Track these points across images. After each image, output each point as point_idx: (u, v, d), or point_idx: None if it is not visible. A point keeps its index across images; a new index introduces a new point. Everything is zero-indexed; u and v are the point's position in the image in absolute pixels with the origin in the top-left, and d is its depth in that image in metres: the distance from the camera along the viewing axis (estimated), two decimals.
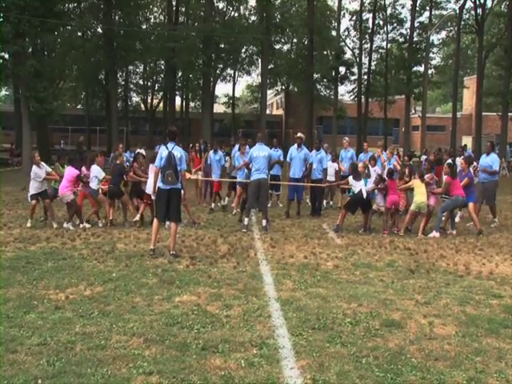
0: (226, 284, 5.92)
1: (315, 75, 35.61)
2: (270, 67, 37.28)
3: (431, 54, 36.68)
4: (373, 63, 38.57)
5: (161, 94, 40.86)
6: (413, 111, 45.49)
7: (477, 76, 35.64)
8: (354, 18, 39.41)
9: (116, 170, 9.93)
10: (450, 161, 11.24)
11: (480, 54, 35.04)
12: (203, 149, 14.24)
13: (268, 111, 45.42)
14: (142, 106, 43.62)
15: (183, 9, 36.39)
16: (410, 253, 7.88)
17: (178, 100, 41.01)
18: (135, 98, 44.15)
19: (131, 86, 41.59)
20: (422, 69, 32.87)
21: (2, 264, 6.64)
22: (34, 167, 9.33)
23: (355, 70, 36.39)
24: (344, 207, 9.91)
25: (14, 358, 3.87)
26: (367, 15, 38.68)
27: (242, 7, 38.37)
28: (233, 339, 4.29)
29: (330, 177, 12.48)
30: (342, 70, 34.04)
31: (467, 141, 34.96)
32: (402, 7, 38.31)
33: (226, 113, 47.25)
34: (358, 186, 9.51)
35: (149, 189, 9.41)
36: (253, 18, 38.54)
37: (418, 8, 34.72)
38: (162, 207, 7.29)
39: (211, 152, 12.70)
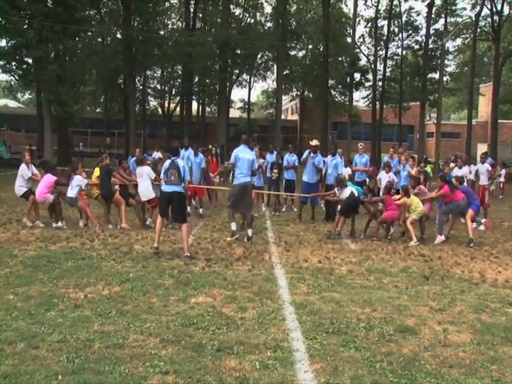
0: (241, 287, 5.97)
1: (330, 81, 35.64)
2: (285, 73, 37.38)
3: (446, 61, 36.45)
4: (388, 70, 38.43)
5: (178, 98, 41.22)
6: (427, 118, 45.22)
7: (493, 83, 35.34)
8: (370, 25, 39.42)
9: (103, 171, 10.05)
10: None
11: (496, 61, 34.75)
12: (219, 153, 14.34)
13: (283, 116, 45.57)
14: (160, 110, 44.03)
15: (200, 15, 36.70)
16: (424, 259, 7.87)
17: (194, 104, 41.33)
18: (153, 102, 44.64)
19: (149, 90, 42.05)
20: (437, 76, 32.65)
21: (25, 262, 6.78)
22: (23, 165, 9.88)
23: (370, 76, 36.34)
24: (340, 213, 9.88)
25: (36, 353, 3.97)
26: (382, 22, 38.63)
27: (258, 14, 38.62)
28: (247, 341, 4.32)
29: None
30: (357, 76, 34.09)
31: (483, 148, 34.58)
32: (418, 14, 38.05)
33: (242, 117, 47.46)
34: (348, 190, 9.63)
35: (147, 194, 9.62)
36: (269, 24, 38.79)
37: (433, 15, 34.53)
38: (164, 206, 7.69)
39: (192, 154, 11.96)
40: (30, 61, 22.29)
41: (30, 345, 4.11)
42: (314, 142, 11.81)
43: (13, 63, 22.55)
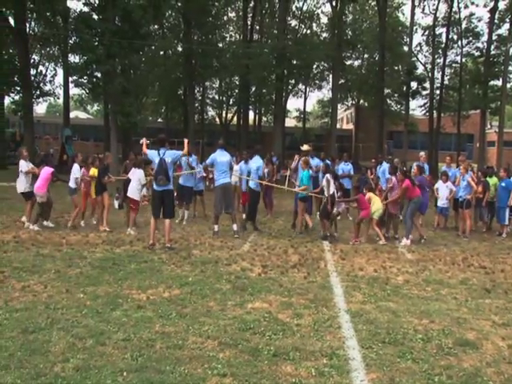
0: (297, 293, 6.02)
1: (386, 90, 35.05)
2: (340, 82, 37.14)
3: (511, 68, 34.79)
4: (446, 78, 37.15)
5: (235, 108, 41.93)
6: (488, 126, 43.27)
7: None
8: (427, 33, 38.34)
9: (101, 169, 10.44)
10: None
11: None
12: (275, 161, 14.48)
13: (338, 125, 45.19)
14: (217, 119, 44.96)
15: (257, 27, 37.30)
16: (485, 271, 7.61)
17: (251, 114, 41.79)
18: (211, 112, 45.51)
19: (207, 100, 43.00)
20: (499, 83, 31.26)
21: (93, 264, 7.19)
22: (22, 161, 10.46)
23: (427, 84, 35.31)
24: (320, 217, 10.09)
25: (103, 350, 4.21)
26: (441, 30, 37.32)
27: (314, 25, 38.73)
28: (303, 348, 4.36)
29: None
30: (414, 85, 33.30)
31: None
32: (479, 20, 36.17)
33: (297, 127, 47.50)
34: (332, 187, 9.75)
35: (132, 192, 9.79)
36: (324, 34, 38.75)
37: (496, 21, 33.07)
38: (158, 206, 8.41)
39: (242, 162, 12.06)
40: (98, 75, 23.60)
41: (97, 341, 4.36)
42: (305, 147, 11.37)
43: (84, 77, 24.01)
